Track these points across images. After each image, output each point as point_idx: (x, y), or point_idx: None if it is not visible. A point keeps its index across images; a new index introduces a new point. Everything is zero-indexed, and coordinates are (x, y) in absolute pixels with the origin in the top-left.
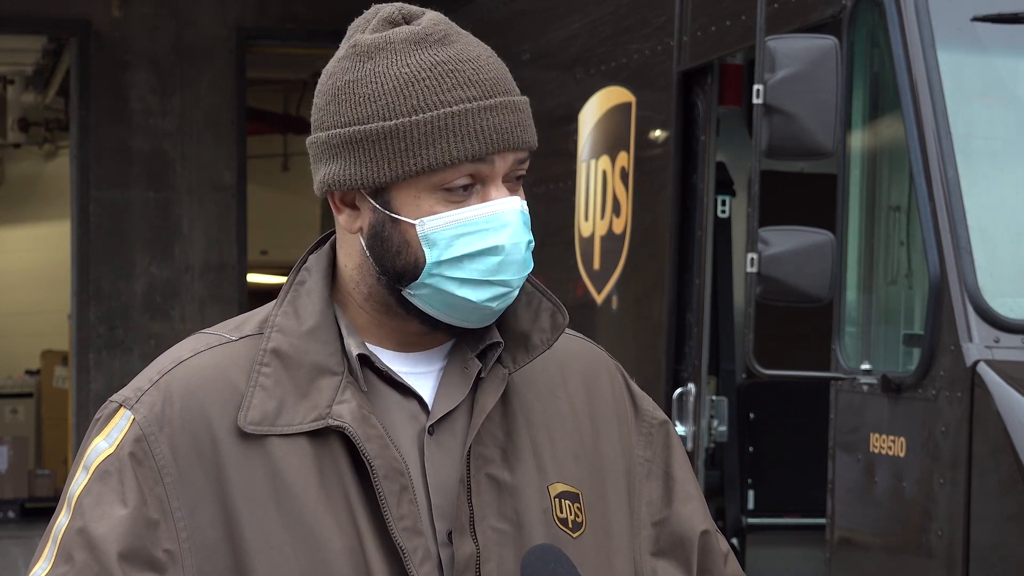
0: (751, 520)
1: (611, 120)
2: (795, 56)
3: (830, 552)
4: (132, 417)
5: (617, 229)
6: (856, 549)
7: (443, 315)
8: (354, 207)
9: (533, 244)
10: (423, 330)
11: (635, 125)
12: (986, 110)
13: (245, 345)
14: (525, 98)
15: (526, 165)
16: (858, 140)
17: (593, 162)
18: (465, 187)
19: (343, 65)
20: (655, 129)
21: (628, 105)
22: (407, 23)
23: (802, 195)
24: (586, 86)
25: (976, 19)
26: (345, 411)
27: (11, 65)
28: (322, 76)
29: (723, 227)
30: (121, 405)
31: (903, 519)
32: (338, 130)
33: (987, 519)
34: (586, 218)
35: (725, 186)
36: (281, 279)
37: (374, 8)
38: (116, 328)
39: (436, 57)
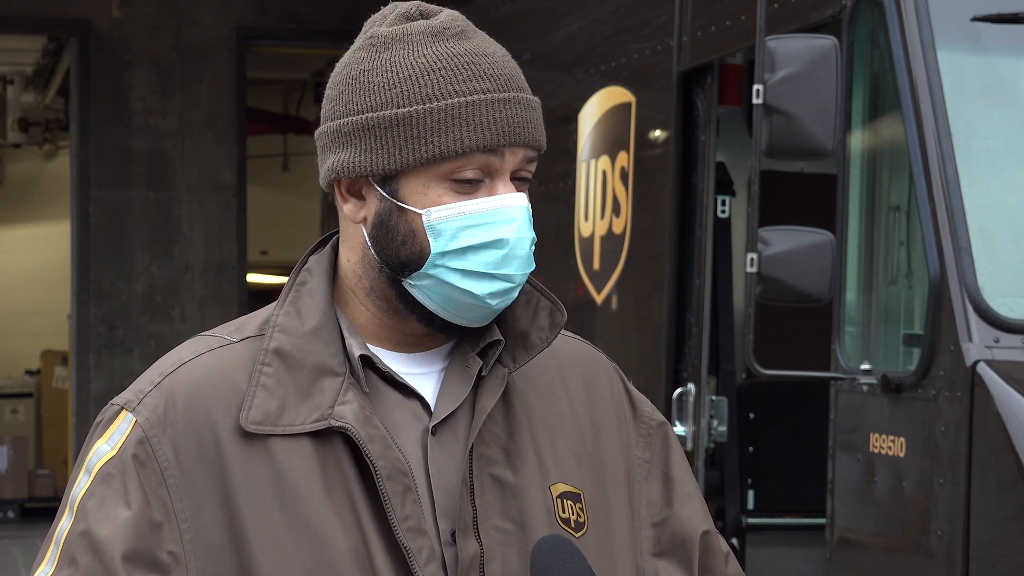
0: (751, 520)
1: (611, 120)
2: (795, 56)
3: (830, 552)
4: (134, 419)
5: (617, 229)
6: (856, 549)
7: (441, 310)
8: (360, 197)
9: (535, 242)
10: (423, 330)
11: (635, 125)
12: (986, 110)
13: (246, 346)
14: (537, 99)
15: (533, 166)
16: (858, 140)
17: (593, 162)
18: (472, 181)
19: (358, 56)
20: (655, 129)
21: (628, 105)
22: (424, 19)
23: (802, 195)
24: (586, 86)
25: (976, 19)
26: (347, 412)
27: (11, 65)
28: (336, 68)
29: (723, 227)
30: (123, 408)
31: (903, 519)
32: (350, 118)
33: (987, 519)
34: (586, 218)
35: (725, 186)
36: (281, 279)
37: (392, 5)
38: (116, 328)
39: (453, 49)
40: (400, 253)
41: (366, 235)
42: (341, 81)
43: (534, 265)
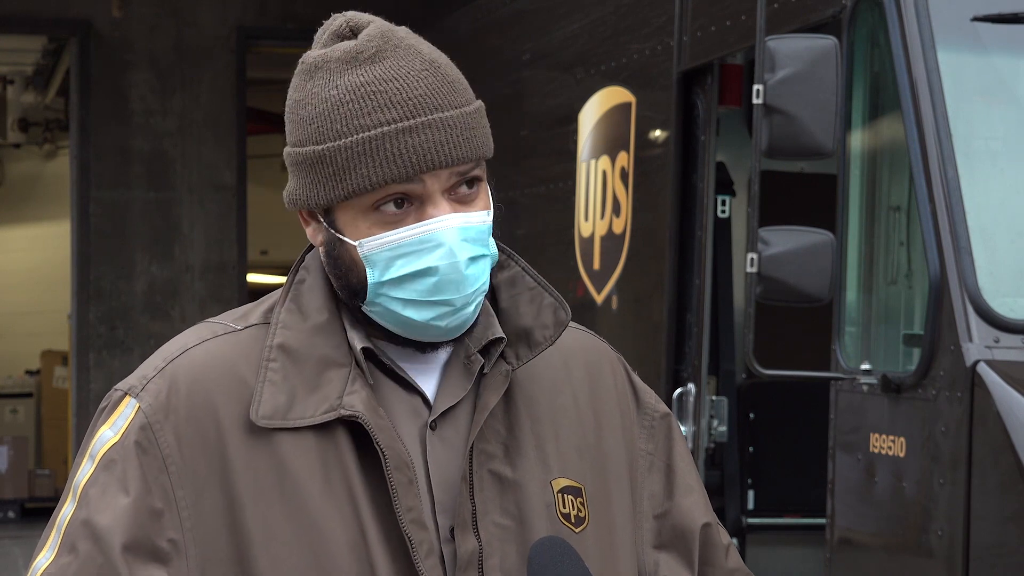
0: (751, 520)
1: (611, 120)
2: (795, 56)
3: (830, 552)
4: (137, 405)
5: (617, 229)
6: (856, 549)
7: (400, 331)
8: (317, 221)
9: (492, 255)
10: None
11: (635, 125)
12: (986, 110)
13: (250, 335)
14: (467, 109)
15: (476, 171)
16: (858, 140)
17: (593, 162)
18: (400, 206)
19: (294, 82)
20: (655, 129)
21: (628, 105)
22: (353, 35)
23: (802, 195)
24: (586, 86)
25: (976, 19)
26: (357, 401)
27: (11, 65)
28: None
29: (723, 227)
30: (126, 393)
31: (903, 519)
32: (288, 148)
33: (987, 519)
34: (586, 218)
35: (725, 186)
36: (281, 279)
37: (332, 17)
38: (116, 328)
39: (361, 78)
40: (349, 280)
41: (323, 260)
42: (286, 107)
43: (480, 281)
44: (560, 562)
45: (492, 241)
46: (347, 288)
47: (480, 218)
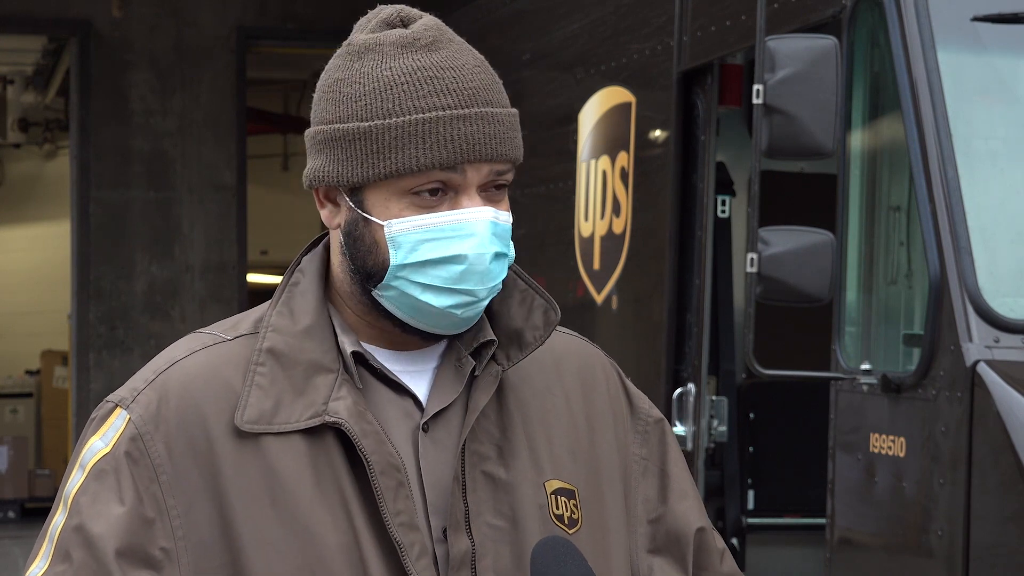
0: (751, 520)
1: (611, 120)
2: (795, 56)
3: (830, 552)
4: (128, 416)
5: (617, 229)
6: (856, 549)
7: (410, 319)
8: (335, 203)
9: (510, 257)
10: (404, 331)
11: (635, 125)
12: (986, 110)
13: (240, 344)
14: (511, 111)
15: (507, 176)
16: (858, 140)
17: (593, 162)
18: (435, 194)
19: (336, 63)
20: (655, 129)
21: (628, 105)
22: (404, 26)
23: (802, 195)
24: (586, 86)
25: (976, 19)
26: (341, 407)
27: (11, 65)
28: (323, 72)
29: (723, 227)
30: (117, 405)
31: (903, 519)
32: (323, 126)
33: (987, 519)
34: (586, 218)
35: (725, 186)
36: (281, 279)
37: (379, 8)
38: (116, 328)
39: (418, 63)
40: (367, 262)
41: (341, 241)
42: (321, 86)
43: (500, 277)
44: (563, 562)
45: (511, 244)
46: (362, 270)
47: (506, 218)
